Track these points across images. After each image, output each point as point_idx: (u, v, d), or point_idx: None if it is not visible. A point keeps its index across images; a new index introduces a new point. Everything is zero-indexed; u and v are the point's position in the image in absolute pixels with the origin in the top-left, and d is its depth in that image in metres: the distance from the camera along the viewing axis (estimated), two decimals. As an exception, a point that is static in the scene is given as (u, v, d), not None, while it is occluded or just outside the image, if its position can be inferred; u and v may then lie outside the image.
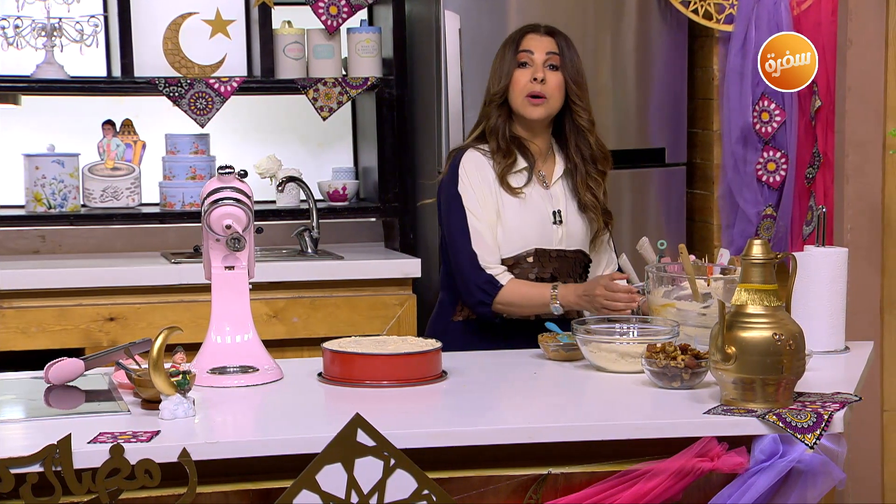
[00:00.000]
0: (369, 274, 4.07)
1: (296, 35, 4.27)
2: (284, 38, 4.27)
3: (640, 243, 3.20)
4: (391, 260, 4.18)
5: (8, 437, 2.29)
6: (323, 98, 4.27)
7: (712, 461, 2.30)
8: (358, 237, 4.60)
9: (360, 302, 4.07)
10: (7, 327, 3.84)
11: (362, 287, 4.06)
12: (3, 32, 4.08)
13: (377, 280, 4.09)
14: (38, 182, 4.11)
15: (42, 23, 4.10)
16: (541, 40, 3.12)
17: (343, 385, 2.62)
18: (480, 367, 2.84)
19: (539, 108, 3.06)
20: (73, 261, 4.13)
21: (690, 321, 2.84)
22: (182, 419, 2.31)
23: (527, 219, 3.10)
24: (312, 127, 4.51)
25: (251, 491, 2.19)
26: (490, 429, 2.33)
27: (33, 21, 4.10)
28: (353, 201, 4.46)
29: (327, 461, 2.10)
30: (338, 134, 4.62)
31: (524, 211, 3.10)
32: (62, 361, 2.63)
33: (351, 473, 2.11)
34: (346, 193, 4.42)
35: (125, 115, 4.35)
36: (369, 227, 4.57)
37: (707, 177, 4.35)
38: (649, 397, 2.54)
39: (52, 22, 4.11)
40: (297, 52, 4.27)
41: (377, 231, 4.53)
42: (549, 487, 2.28)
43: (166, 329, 2.36)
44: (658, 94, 4.29)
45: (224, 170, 2.69)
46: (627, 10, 4.26)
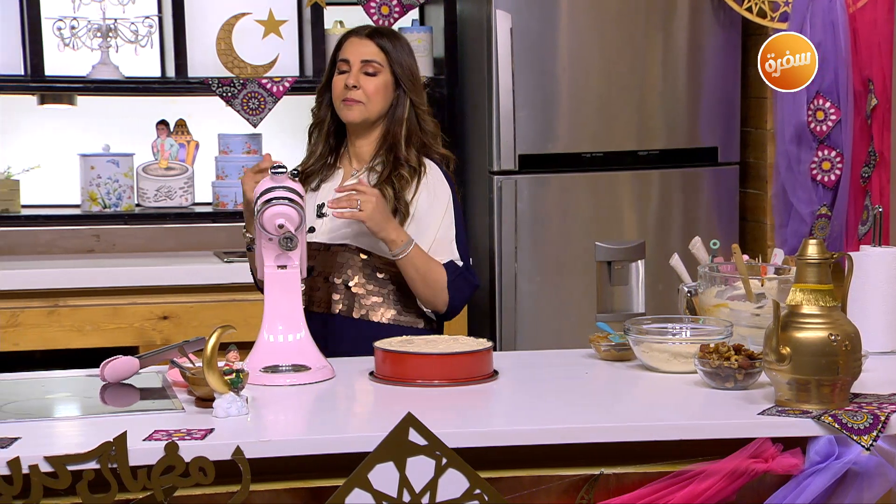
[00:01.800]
0: (420, 273, 4.07)
1: (347, 35, 4.29)
2: (336, 37, 4.27)
3: (692, 243, 3.18)
4: (442, 259, 4.18)
5: (64, 434, 2.32)
6: (374, 98, 4.27)
7: (766, 462, 2.28)
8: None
9: (411, 301, 4.07)
10: (62, 326, 3.89)
11: (413, 286, 4.06)
12: (60, 34, 4.12)
13: (428, 279, 4.09)
14: (93, 182, 4.16)
15: (98, 24, 4.15)
16: (359, 45, 3.05)
17: (394, 384, 2.62)
18: (531, 367, 2.83)
19: (353, 111, 3.01)
20: (127, 260, 4.18)
21: (744, 321, 2.82)
22: (235, 417, 2.33)
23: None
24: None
25: (303, 489, 2.20)
26: (541, 428, 2.32)
27: (89, 22, 4.15)
28: (403, 201, 4.46)
29: (379, 460, 2.11)
30: (389, 133, 4.62)
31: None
32: (117, 359, 2.66)
33: (403, 472, 2.11)
34: (397, 193, 4.43)
35: (179, 116, 4.39)
36: (420, 227, 4.57)
37: (760, 176, 4.31)
38: (702, 398, 2.52)
39: (107, 23, 4.15)
40: (348, 52, 4.28)
41: (428, 230, 4.53)
42: (602, 488, 2.27)
43: (220, 328, 2.37)
44: (710, 93, 4.26)
45: (277, 169, 2.70)
46: (679, 9, 4.23)
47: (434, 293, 2.96)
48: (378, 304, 2.99)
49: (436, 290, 2.96)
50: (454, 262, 2.99)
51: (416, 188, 3.01)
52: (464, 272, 3.00)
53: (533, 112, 4.15)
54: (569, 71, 4.18)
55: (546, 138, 4.19)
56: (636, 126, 4.26)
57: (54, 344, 3.89)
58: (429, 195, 3.02)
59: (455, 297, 2.99)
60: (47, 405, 2.59)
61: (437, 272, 2.96)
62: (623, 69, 4.22)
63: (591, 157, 4.23)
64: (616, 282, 4.25)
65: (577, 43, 4.19)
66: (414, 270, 2.93)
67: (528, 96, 4.14)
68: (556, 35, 4.18)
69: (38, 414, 2.48)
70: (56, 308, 3.89)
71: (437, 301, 2.98)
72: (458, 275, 2.99)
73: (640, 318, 2.90)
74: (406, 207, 2.99)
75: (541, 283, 4.18)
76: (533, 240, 4.18)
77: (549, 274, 4.19)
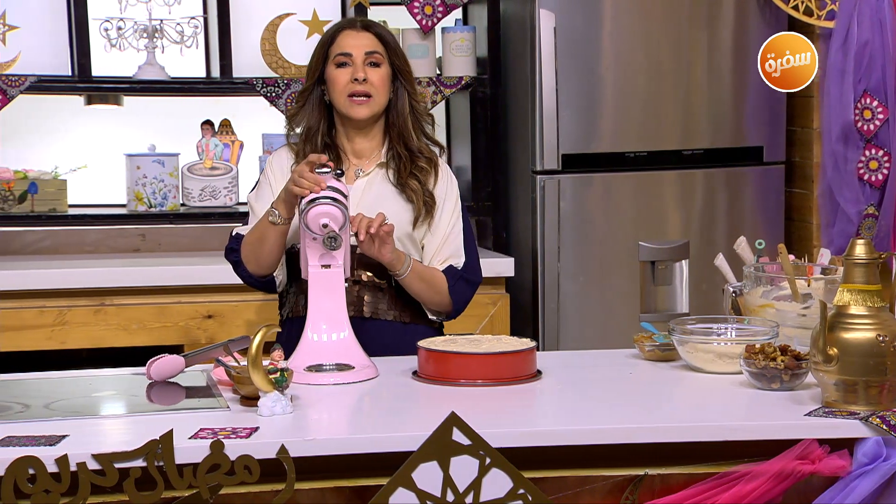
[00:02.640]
0: (463, 273, 4.07)
1: (391, 35, 4.30)
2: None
3: (737, 243, 3.16)
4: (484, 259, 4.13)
5: (111, 432, 2.34)
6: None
7: (813, 464, 2.26)
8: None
9: (454, 301, 4.07)
10: (108, 324, 3.92)
11: (456, 286, 4.07)
12: (107, 34, 4.16)
13: (471, 279, 4.10)
14: (139, 181, 4.19)
15: (144, 24, 4.18)
16: (358, 37, 2.98)
17: (438, 384, 2.62)
18: (575, 367, 2.83)
19: (363, 108, 2.94)
20: (172, 259, 4.21)
21: (790, 322, 2.80)
22: (280, 416, 2.34)
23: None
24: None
25: (347, 488, 2.21)
26: (585, 428, 2.31)
27: (135, 23, 4.18)
28: (446, 200, 4.46)
29: (423, 459, 2.11)
30: (432, 133, 4.63)
31: None
32: (164, 358, 2.67)
33: (447, 472, 2.11)
34: (440, 192, 4.43)
35: (223, 116, 4.41)
36: (463, 226, 4.57)
37: (806, 175, 4.28)
38: (747, 398, 2.50)
39: (153, 23, 4.18)
40: (391, 52, 4.29)
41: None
42: (646, 488, 2.26)
43: (264, 327, 2.38)
44: (755, 92, 4.23)
45: (321, 169, 2.71)
46: (724, 7, 4.21)
47: (441, 299, 2.97)
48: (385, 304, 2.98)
49: (440, 295, 2.96)
50: (452, 266, 2.98)
51: (435, 177, 3.01)
52: (462, 274, 2.99)
53: (576, 111, 4.14)
54: (612, 70, 4.16)
55: (589, 138, 4.18)
56: (681, 125, 4.24)
57: (101, 342, 3.92)
58: (443, 184, 3.02)
59: (458, 301, 2.99)
60: (94, 403, 2.61)
61: (438, 279, 2.96)
62: (668, 68, 4.20)
63: (634, 157, 4.21)
64: (659, 282, 4.23)
65: (621, 41, 4.17)
66: (419, 282, 2.92)
67: (572, 95, 4.13)
68: (600, 34, 4.16)
69: (85, 412, 2.50)
70: (102, 307, 3.92)
71: (442, 304, 2.98)
72: (459, 278, 2.98)
73: (685, 318, 2.88)
74: (432, 198, 2.99)
75: (584, 283, 4.17)
76: (576, 239, 4.17)
77: (592, 274, 4.18)
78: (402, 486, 2.11)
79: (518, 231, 4.32)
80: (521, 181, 4.28)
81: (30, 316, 3.88)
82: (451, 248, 3.00)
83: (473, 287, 3.03)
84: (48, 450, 2.11)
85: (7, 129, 4.26)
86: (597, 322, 4.17)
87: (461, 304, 3.00)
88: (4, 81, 4.02)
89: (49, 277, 3.91)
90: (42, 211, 4.14)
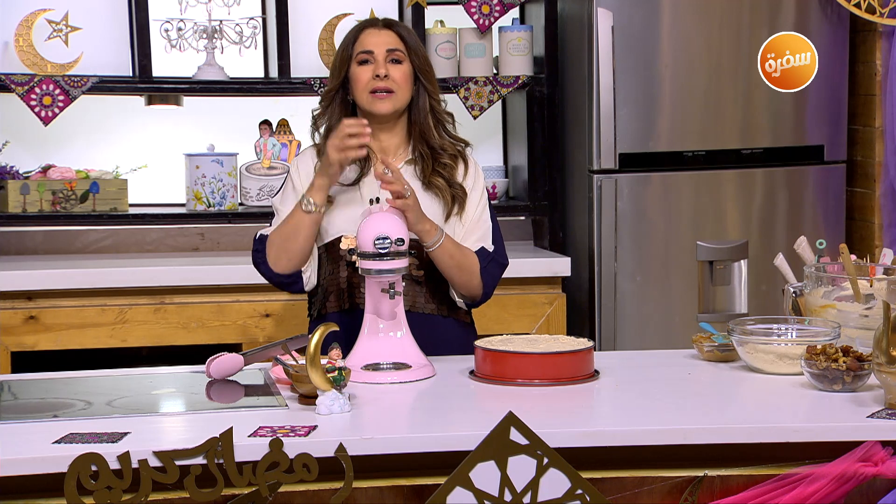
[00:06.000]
0: (519, 272, 4.05)
1: (448, 34, 4.30)
2: (437, 37, 4.30)
3: (797, 243, 3.13)
4: (541, 258, 4.17)
5: (171, 429, 2.36)
6: (474, 97, 4.28)
7: (876, 466, 2.23)
8: (507, 235, 4.54)
9: (510, 300, 4.07)
10: (168, 322, 3.96)
11: (511, 285, 4.06)
12: (167, 35, 4.20)
13: (526, 279, 4.09)
14: (198, 181, 4.23)
15: (203, 25, 4.22)
16: (379, 35, 3.00)
17: (495, 383, 2.62)
18: (633, 367, 2.82)
19: (385, 103, 2.95)
20: (231, 258, 4.23)
21: (852, 322, 2.77)
22: (338, 415, 2.35)
23: (338, 209, 2.97)
24: (463, 126, 4.49)
25: (405, 487, 2.21)
26: (644, 429, 2.30)
27: (195, 24, 4.21)
28: (502, 200, 4.46)
29: (480, 459, 2.11)
30: (488, 132, 4.62)
31: (339, 202, 2.97)
32: (223, 356, 2.70)
33: (504, 471, 2.11)
34: (495, 192, 4.43)
35: (281, 115, 4.43)
36: (519, 226, 4.57)
37: (868, 175, 4.23)
38: (809, 400, 2.48)
39: (212, 24, 4.22)
40: (449, 52, 4.30)
41: (527, 229, 4.52)
42: (706, 490, 2.24)
43: (322, 325, 2.40)
44: (816, 91, 4.19)
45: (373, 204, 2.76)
46: (786, 4, 4.17)
47: (469, 279, 2.96)
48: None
49: (471, 276, 2.95)
50: (485, 248, 3.00)
51: (464, 169, 3.03)
52: (494, 256, 3.01)
53: (634, 110, 4.12)
54: (671, 68, 4.14)
55: (647, 136, 4.15)
56: (740, 124, 4.21)
57: (160, 340, 3.96)
58: (472, 175, 3.04)
59: (487, 284, 2.99)
60: (154, 401, 2.64)
61: (470, 259, 2.96)
62: (727, 66, 4.16)
63: (693, 156, 4.18)
64: (718, 282, 4.20)
65: (680, 40, 4.14)
66: (449, 258, 2.92)
67: (629, 94, 4.11)
68: (659, 32, 4.14)
69: (145, 409, 2.53)
70: (162, 305, 3.96)
71: (472, 287, 2.97)
72: (491, 260, 2.99)
73: (744, 319, 2.86)
74: (462, 189, 3.01)
75: (641, 283, 4.15)
76: (633, 239, 4.15)
77: (650, 274, 4.16)
78: (459, 486, 2.11)
79: (575, 230, 4.31)
80: (578, 180, 4.27)
81: (91, 314, 3.93)
82: (480, 231, 3.02)
83: (502, 270, 3.04)
84: (110, 447, 2.14)
85: (69, 129, 4.31)
86: (654, 322, 4.15)
87: (490, 287, 3.01)
88: (67, 82, 4.08)
89: (110, 276, 3.95)
90: (103, 210, 4.18)
